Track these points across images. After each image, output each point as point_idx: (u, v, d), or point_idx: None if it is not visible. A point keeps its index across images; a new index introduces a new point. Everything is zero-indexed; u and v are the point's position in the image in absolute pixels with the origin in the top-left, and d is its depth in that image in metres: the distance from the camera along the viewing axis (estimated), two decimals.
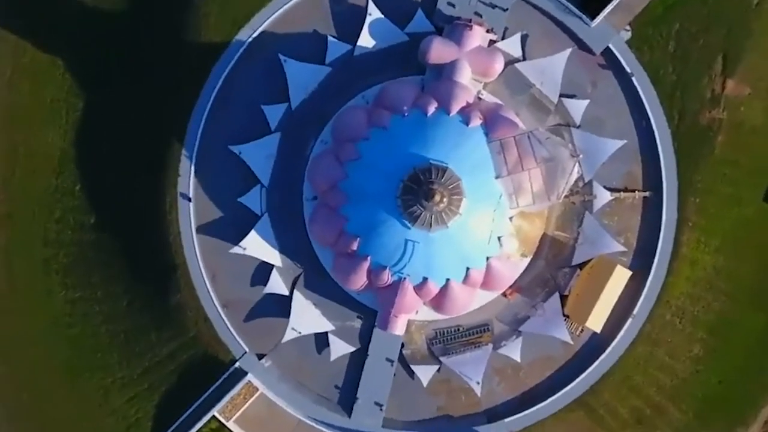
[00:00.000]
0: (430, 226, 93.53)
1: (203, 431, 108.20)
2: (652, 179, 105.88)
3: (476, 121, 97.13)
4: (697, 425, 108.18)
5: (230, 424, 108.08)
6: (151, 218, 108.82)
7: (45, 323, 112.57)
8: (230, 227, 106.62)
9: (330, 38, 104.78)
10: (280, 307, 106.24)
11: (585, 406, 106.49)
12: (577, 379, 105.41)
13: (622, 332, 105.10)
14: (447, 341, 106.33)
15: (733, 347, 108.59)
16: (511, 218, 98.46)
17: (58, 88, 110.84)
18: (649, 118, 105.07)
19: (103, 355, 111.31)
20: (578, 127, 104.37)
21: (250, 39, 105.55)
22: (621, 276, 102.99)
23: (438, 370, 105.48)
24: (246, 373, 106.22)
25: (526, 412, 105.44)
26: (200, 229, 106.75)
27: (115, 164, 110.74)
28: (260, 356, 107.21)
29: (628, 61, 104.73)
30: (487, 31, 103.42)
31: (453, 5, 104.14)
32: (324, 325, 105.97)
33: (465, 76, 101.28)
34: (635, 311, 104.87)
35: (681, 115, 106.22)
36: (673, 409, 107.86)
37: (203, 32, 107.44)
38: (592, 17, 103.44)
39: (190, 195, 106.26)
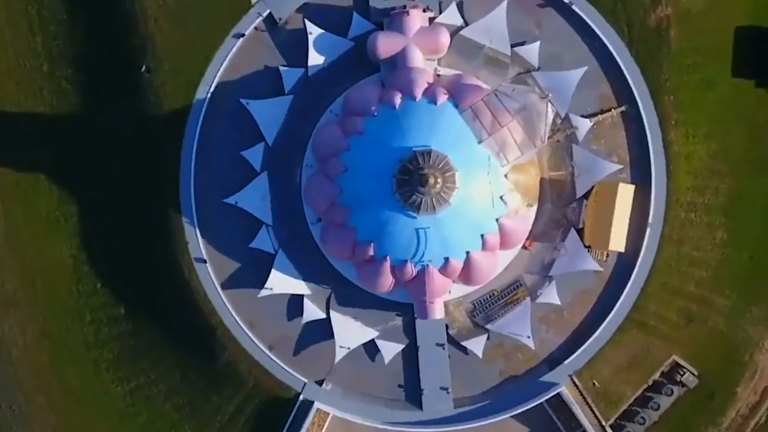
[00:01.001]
0: (434, 208, 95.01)
1: None
2: (624, 93, 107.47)
3: (443, 98, 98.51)
4: (744, 305, 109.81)
5: None
6: (176, 290, 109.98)
7: (114, 420, 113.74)
8: (251, 273, 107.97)
9: (282, 68, 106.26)
10: (322, 330, 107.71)
11: (635, 324, 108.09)
12: (619, 301, 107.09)
13: (645, 243, 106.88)
14: (487, 309, 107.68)
15: (751, 220, 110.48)
16: (506, 175, 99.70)
17: (49, 201, 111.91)
18: (600, 39, 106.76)
19: (176, 430, 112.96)
20: (538, 69, 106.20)
21: (209, 94, 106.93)
22: (626, 192, 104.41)
23: (488, 338, 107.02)
24: (312, 402, 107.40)
25: (582, 348, 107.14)
26: (225, 285, 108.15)
27: (126, 251, 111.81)
28: (319, 382, 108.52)
29: None
30: (424, 11, 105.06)
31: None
32: (368, 333, 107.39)
33: (418, 59, 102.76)
34: (650, 219, 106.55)
35: (629, 26, 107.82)
36: (717, 298, 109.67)
37: (164, 102, 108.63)
38: None
39: (204, 257, 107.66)
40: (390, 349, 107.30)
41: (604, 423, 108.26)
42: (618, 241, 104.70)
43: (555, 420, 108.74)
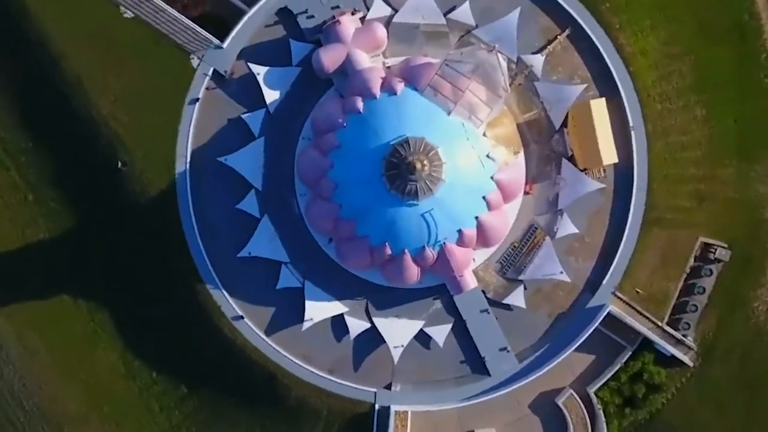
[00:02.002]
0: (430, 189, 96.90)
1: None
2: (562, 17, 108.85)
3: (400, 86, 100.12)
4: (745, 167, 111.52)
5: None
6: (225, 352, 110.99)
7: None
8: (287, 311, 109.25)
9: (244, 116, 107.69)
10: (372, 339, 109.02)
11: (653, 223, 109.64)
12: (631, 208, 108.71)
13: (634, 146, 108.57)
14: (514, 262, 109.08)
15: (722, 87, 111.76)
16: (484, 134, 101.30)
17: (80, 317, 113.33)
18: None
19: None
20: (476, 26, 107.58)
21: (188, 166, 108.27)
22: (599, 107, 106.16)
23: (525, 288, 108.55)
24: (388, 407, 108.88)
25: (614, 263, 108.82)
26: (268, 332, 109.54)
27: (165, 333, 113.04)
28: (388, 386, 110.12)
29: None
30: (353, 14, 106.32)
31: (312, 16, 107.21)
32: (414, 326, 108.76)
33: (364, 60, 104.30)
34: (630, 123, 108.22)
35: None
36: (719, 169, 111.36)
37: (150, 187, 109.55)
38: None
39: (239, 313, 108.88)
40: (440, 333, 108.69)
41: (660, 324, 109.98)
42: (609, 154, 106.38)
43: (614, 338, 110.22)
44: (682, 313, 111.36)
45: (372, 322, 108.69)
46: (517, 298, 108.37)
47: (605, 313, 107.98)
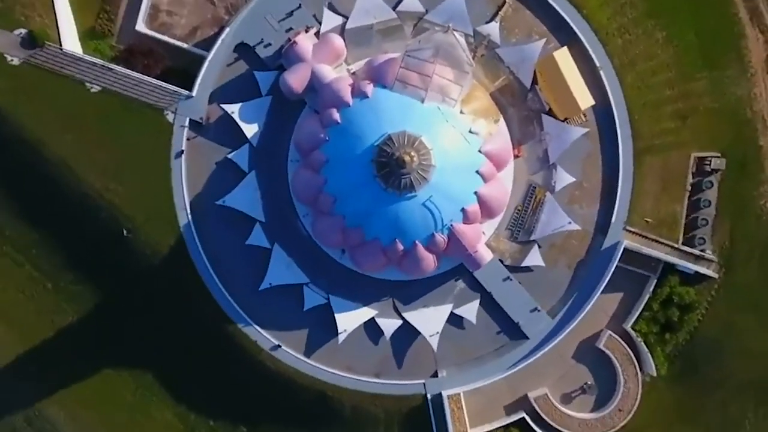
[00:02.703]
0: (424, 178, 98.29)
1: None
2: None
3: (369, 88, 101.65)
4: (717, 75, 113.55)
5: None
6: (272, 382, 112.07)
7: None
8: (319, 329, 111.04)
9: (230, 156, 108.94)
10: (407, 334, 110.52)
11: (644, 151, 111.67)
12: (619, 143, 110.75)
13: (606, 84, 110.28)
14: (522, 225, 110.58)
15: (676, 5, 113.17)
16: (462, 111, 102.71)
17: (126, 385, 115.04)
18: None
19: None
20: (426, 11, 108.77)
21: (189, 217, 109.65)
22: (563, 56, 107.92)
23: (539, 247, 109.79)
24: (440, 394, 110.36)
25: (617, 200, 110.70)
26: (307, 353, 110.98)
27: (213, 380, 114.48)
28: (434, 375, 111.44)
29: None
30: (306, 31, 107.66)
31: (268, 44, 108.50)
32: (444, 311, 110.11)
33: (328, 73, 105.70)
34: (597, 63, 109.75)
35: None
36: (692, 84, 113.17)
37: (159, 246, 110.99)
38: None
39: (277, 343, 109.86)
40: (470, 310, 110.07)
41: (676, 245, 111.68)
42: (584, 99, 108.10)
43: (636, 271, 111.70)
44: (695, 229, 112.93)
45: (403, 318, 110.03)
46: (534, 258, 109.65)
47: (621, 250, 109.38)
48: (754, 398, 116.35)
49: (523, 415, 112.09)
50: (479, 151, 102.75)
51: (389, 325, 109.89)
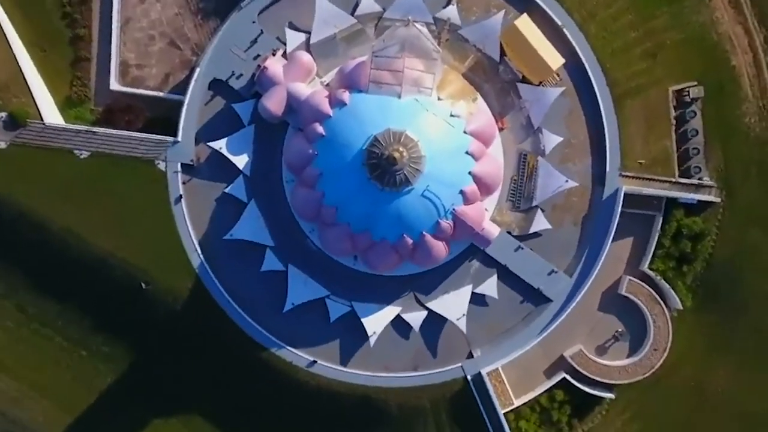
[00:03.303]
0: (417, 169, 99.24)
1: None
2: None
3: (345, 95, 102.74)
4: (677, 7, 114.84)
5: (518, 405, 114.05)
6: (314, 400, 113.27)
7: None
8: (349, 337, 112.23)
9: (227, 191, 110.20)
10: (435, 321, 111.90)
11: (621, 96, 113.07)
12: (597, 94, 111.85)
13: (571, 40, 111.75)
14: (521, 194, 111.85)
15: None
16: (439, 98, 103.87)
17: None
18: None
19: None
20: (384, 10, 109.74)
21: (202, 257, 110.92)
22: (525, 23, 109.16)
23: (543, 211, 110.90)
24: (479, 373, 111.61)
25: (608, 148, 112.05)
26: (343, 361, 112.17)
27: (259, 411, 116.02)
28: (469, 355, 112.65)
29: None
30: (274, 55, 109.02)
31: (240, 74, 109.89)
32: (465, 293, 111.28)
33: (303, 90, 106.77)
34: (559, 22, 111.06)
35: None
36: (654, 21, 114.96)
37: (180, 292, 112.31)
38: None
39: (312, 359, 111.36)
40: (490, 286, 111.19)
41: (674, 179, 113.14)
42: (554, 59, 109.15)
43: (641, 212, 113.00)
44: (688, 160, 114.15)
45: (427, 308, 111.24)
46: (540, 222, 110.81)
47: (622, 196, 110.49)
48: None
49: (563, 375, 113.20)
50: (465, 132, 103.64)
51: (415, 318, 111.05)
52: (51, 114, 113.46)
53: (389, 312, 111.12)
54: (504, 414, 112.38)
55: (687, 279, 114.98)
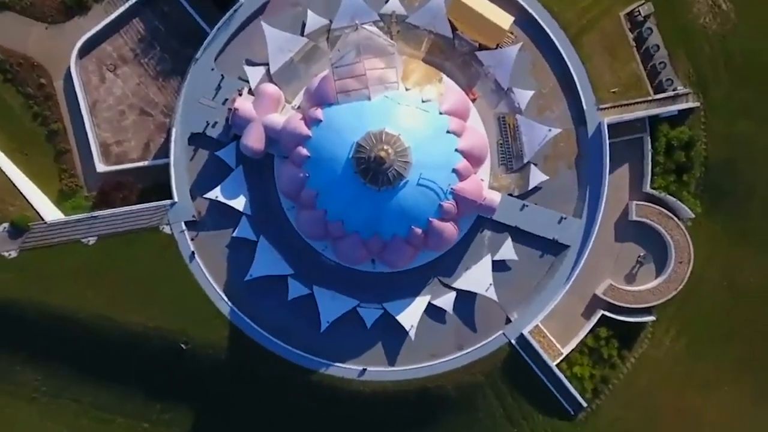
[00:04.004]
0: (407, 161, 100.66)
1: None
2: None
3: (318, 112, 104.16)
4: None
5: (567, 353, 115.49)
6: (370, 408, 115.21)
7: None
8: (390, 338, 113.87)
9: (235, 235, 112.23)
10: (465, 300, 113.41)
11: (579, 34, 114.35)
12: (554, 39, 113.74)
13: None
14: (511, 155, 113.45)
15: None
16: (406, 89, 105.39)
17: None
18: None
19: None
20: (331, 21, 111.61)
21: (230, 303, 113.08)
22: None
23: (536, 165, 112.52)
24: (521, 334, 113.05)
25: (580, 91, 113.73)
26: (390, 361, 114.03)
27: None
28: (507, 321, 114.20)
29: None
30: (240, 94, 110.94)
31: (215, 122, 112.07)
32: (486, 263, 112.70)
33: (277, 119, 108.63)
34: None
35: None
36: None
37: (217, 343, 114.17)
38: None
39: (360, 368, 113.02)
40: (507, 251, 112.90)
41: (650, 97, 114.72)
42: (503, 19, 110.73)
43: (628, 138, 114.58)
44: (658, 75, 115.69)
45: (454, 288, 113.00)
46: (536, 177, 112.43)
47: (606, 128, 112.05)
48: None
49: (601, 312, 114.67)
50: (441, 113, 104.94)
51: (446, 301, 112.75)
52: (49, 212, 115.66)
53: (420, 303, 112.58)
54: (556, 365, 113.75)
55: (690, 187, 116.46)
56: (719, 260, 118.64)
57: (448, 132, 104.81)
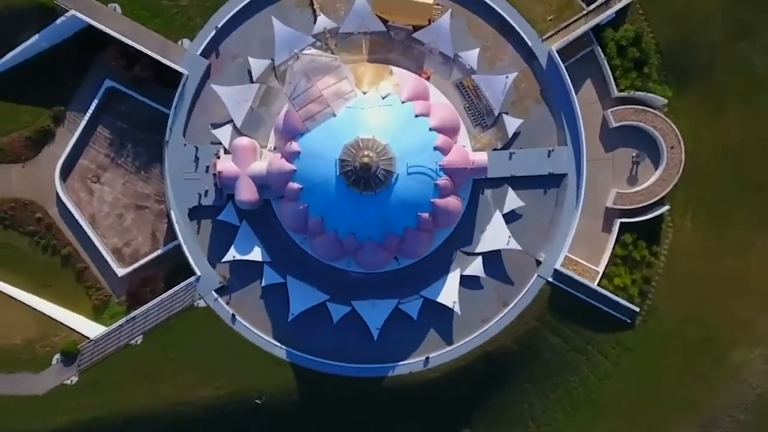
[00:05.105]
0: (390, 158, 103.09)
1: None
2: None
3: (295, 145, 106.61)
4: None
5: (603, 270, 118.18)
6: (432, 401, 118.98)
7: None
8: (438, 323, 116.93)
9: (265, 285, 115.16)
10: (494, 260, 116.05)
11: None
12: None
13: None
14: (481, 113, 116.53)
15: None
16: (364, 93, 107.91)
17: None
18: None
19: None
20: (273, 60, 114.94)
21: (284, 346, 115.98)
22: None
23: (507, 113, 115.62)
24: (553, 269, 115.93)
25: (518, 29, 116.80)
26: (448, 341, 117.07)
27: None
28: (538, 263, 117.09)
29: None
30: (219, 157, 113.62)
31: (206, 191, 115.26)
32: (498, 220, 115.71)
33: (260, 166, 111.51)
34: None
35: None
36: None
37: (286, 385, 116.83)
38: None
39: (423, 357, 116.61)
40: (512, 201, 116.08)
41: (585, 11, 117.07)
42: None
43: (580, 54, 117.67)
44: None
45: (478, 253, 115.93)
46: (511, 124, 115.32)
47: (556, 54, 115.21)
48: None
49: (619, 221, 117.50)
50: (403, 102, 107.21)
51: (475, 267, 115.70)
52: (92, 329, 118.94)
53: (453, 278, 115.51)
54: (598, 284, 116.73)
55: (653, 76, 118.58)
56: (705, 131, 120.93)
57: (416, 116, 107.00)
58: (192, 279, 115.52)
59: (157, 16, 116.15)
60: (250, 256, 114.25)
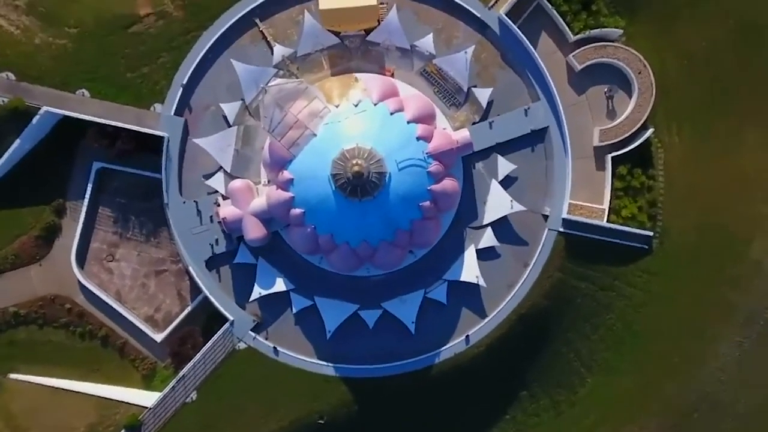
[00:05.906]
0: (379, 160, 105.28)
1: None
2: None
3: (286, 174, 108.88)
4: None
5: (608, 207, 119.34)
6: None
7: None
8: (470, 303, 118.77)
9: (296, 312, 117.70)
10: (504, 227, 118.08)
11: None
12: None
13: None
14: (452, 93, 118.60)
15: None
16: (337, 106, 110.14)
17: None
18: None
19: None
20: (244, 99, 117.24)
21: (326, 362, 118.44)
22: (324, 1, 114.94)
23: (476, 86, 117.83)
24: (561, 219, 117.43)
25: (463, 3, 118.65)
26: (481, 314, 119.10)
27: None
28: (545, 218, 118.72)
29: None
30: (219, 205, 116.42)
31: (216, 240, 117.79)
32: (496, 188, 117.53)
33: (260, 202, 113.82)
34: None
35: None
36: None
37: (343, 399, 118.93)
38: None
39: (465, 335, 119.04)
40: (504, 167, 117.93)
41: None
42: None
43: (528, 11, 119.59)
44: None
45: (486, 225, 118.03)
46: (482, 94, 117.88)
47: (505, 18, 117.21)
48: None
49: (610, 156, 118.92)
50: (375, 105, 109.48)
51: (488, 239, 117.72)
52: (147, 398, 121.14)
53: (470, 255, 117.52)
54: (607, 221, 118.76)
55: (603, 10, 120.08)
56: (667, 47, 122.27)
57: (392, 114, 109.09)
58: (227, 325, 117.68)
59: (124, 90, 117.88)
60: (275, 289, 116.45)
